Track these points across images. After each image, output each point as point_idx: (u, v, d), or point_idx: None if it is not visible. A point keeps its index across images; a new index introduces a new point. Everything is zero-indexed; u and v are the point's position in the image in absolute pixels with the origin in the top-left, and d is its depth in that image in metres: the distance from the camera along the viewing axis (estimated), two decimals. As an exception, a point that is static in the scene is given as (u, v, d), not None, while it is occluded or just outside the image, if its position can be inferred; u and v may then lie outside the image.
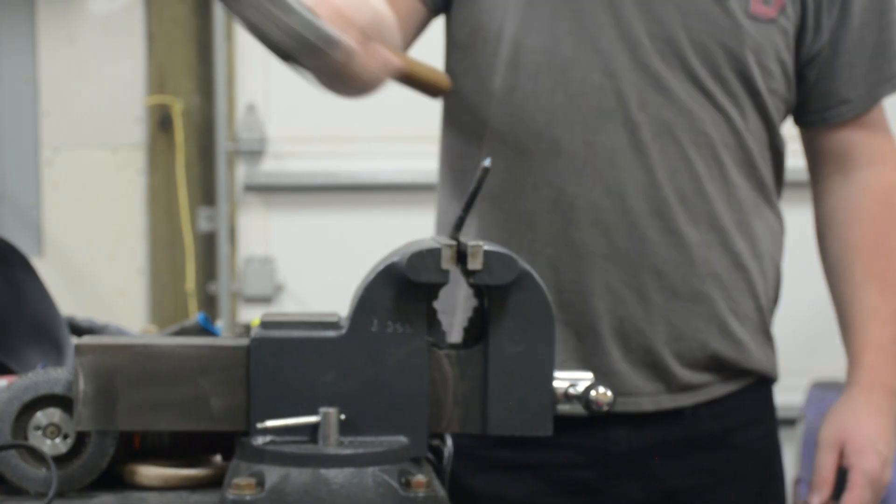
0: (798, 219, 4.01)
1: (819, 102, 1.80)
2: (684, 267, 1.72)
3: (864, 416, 1.78)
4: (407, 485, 1.22)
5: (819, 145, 1.85)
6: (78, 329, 1.78)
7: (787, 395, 4.44)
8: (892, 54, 1.80)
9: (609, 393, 1.30)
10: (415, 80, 1.70)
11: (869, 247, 1.81)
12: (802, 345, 4.41)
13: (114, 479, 1.36)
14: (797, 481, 4.17)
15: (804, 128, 1.85)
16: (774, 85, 1.75)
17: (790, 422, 4.28)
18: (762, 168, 1.77)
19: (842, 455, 1.78)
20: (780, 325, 5.19)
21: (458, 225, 1.30)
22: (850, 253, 1.82)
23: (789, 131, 1.83)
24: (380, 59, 1.55)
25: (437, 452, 1.35)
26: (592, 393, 1.29)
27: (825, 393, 4.12)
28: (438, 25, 1.84)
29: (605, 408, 1.30)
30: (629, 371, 1.73)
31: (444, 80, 1.75)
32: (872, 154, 1.82)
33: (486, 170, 1.28)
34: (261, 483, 1.21)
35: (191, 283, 4.31)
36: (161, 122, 4.31)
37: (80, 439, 1.32)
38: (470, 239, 1.28)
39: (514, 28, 1.72)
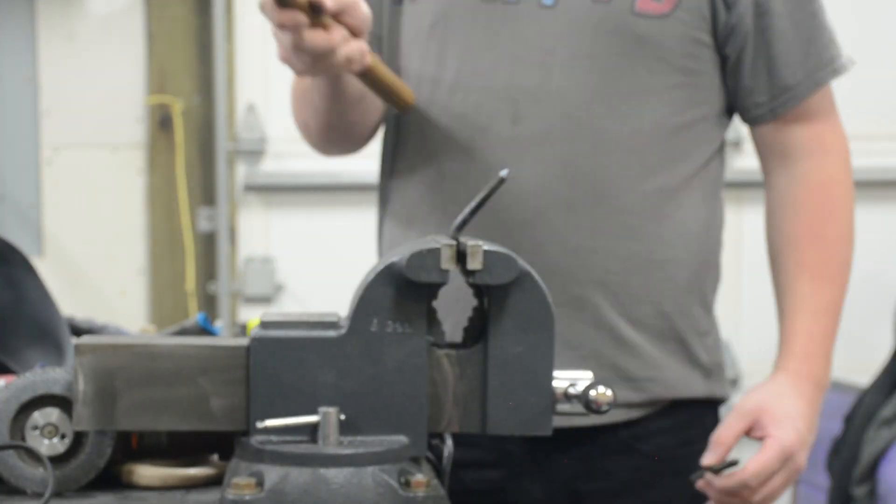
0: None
1: (763, 94, 1.79)
2: (560, 275, 1.71)
3: (788, 396, 1.75)
4: (406, 484, 1.22)
5: (765, 140, 1.83)
6: (78, 329, 1.78)
7: (788, 396, 4.44)
8: (825, 40, 1.79)
9: (609, 392, 1.29)
10: (382, 84, 1.71)
11: (804, 237, 1.80)
12: (803, 345, 4.40)
13: (111, 478, 1.36)
14: (797, 481, 4.17)
15: (753, 124, 1.83)
16: (679, 78, 1.75)
17: (790, 422, 4.27)
18: (674, 159, 1.76)
19: (754, 428, 1.73)
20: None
21: (461, 226, 1.29)
22: (786, 243, 1.81)
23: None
24: (354, 48, 1.56)
25: (437, 452, 1.35)
26: (592, 392, 1.29)
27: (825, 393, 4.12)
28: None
29: (606, 408, 1.29)
30: None
31: (410, 94, 1.76)
32: (813, 145, 1.81)
33: (502, 180, 1.28)
34: (260, 483, 1.21)
35: (191, 283, 4.31)
36: (161, 122, 4.31)
37: (78, 439, 1.32)
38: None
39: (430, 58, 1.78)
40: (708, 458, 1.72)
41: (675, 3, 1.72)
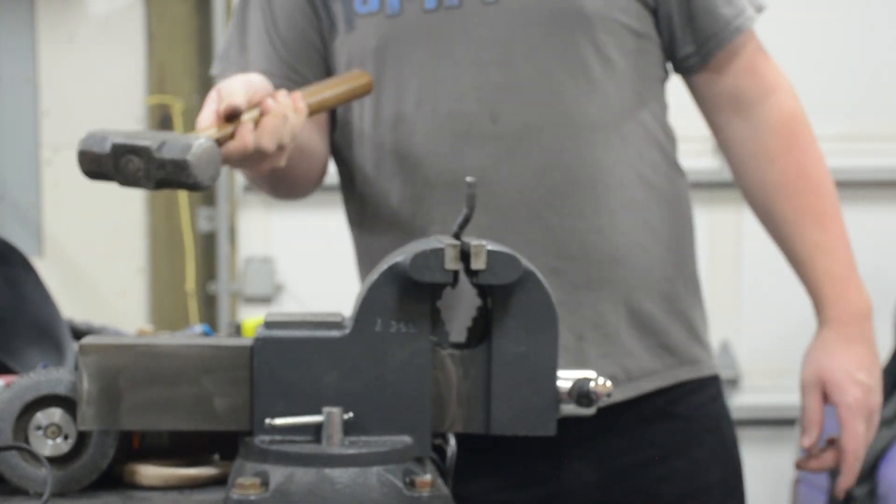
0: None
1: (690, 45, 1.80)
2: (576, 260, 1.74)
3: (838, 349, 1.81)
4: (411, 484, 1.22)
5: (709, 92, 1.83)
6: (77, 332, 1.78)
7: (787, 395, 4.43)
8: None
9: (608, 383, 1.31)
10: (334, 101, 1.71)
11: (792, 184, 1.81)
12: (802, 345, 4.40)
13: (113, 479, 1.36)
14: (797, 481, 4.16)
15: (688, 74, 1.84)
16: (635, 43, 1.76)
17: (790, 422, 4.27)
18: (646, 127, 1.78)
19: (826, 395, 1.82)
20: (781, 324, 5.19)
21: (463, 224, 1.29)
22: (773, 194, 1.82)
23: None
24: (278, 128, 1.56)
25: (441, 452, 1.35)
26: (592, 384, 1.30)
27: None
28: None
29: (605, 397, 1.31)
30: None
31: (363, 78, 1.76)
32: (760, 87, 1.82)
33: (471, 184, 1.28)
34: (265, 483, 1.21)
35: (191, 283, 4.31)
36: (161, 122, 4.31)
37: (81, 439, 1.32)
38: None
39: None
40: (807, 440, 1.81)
41: None
